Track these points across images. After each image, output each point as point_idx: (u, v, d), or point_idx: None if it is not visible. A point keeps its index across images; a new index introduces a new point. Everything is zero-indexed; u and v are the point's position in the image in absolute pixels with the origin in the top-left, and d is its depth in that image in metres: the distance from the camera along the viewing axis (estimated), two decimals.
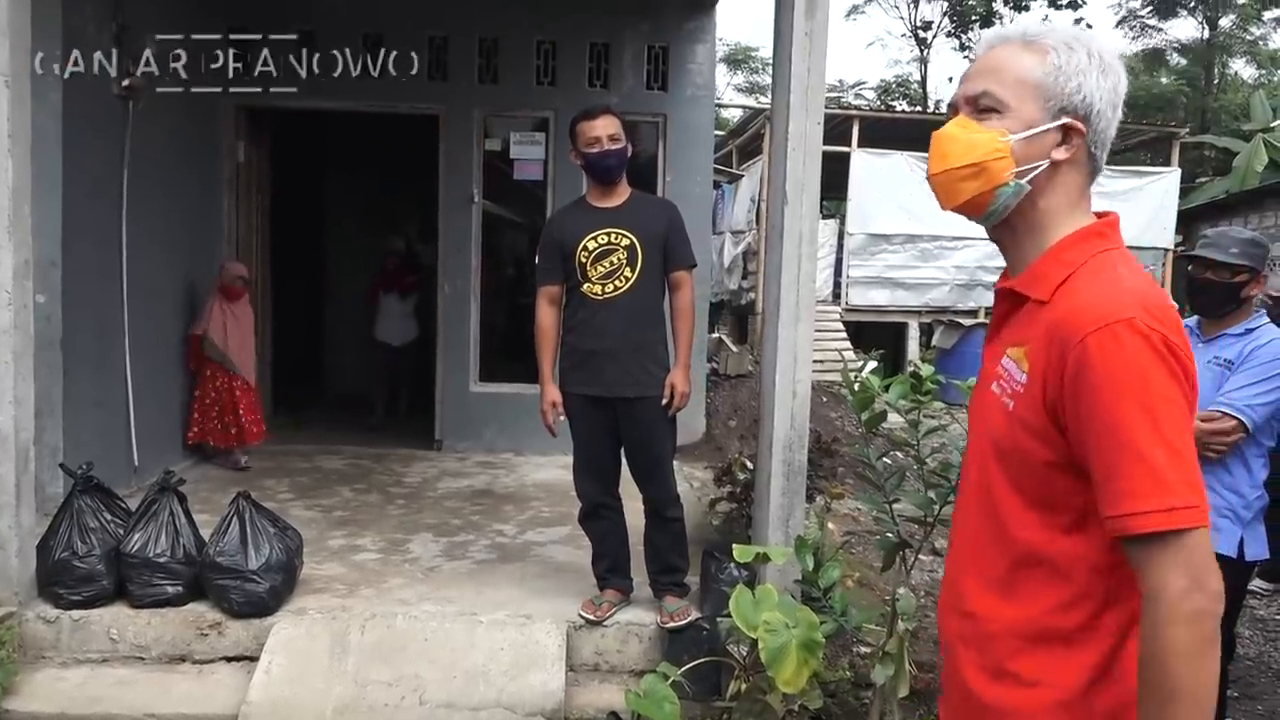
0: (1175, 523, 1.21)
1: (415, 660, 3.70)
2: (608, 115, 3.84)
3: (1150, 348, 1.23)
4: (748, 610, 3.34)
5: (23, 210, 3.71)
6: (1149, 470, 1.22)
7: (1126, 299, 1.27)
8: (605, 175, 3.87)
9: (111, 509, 4.01)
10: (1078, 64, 1.37)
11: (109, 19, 5.32)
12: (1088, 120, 1.37)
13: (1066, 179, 1.39)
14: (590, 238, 3.84)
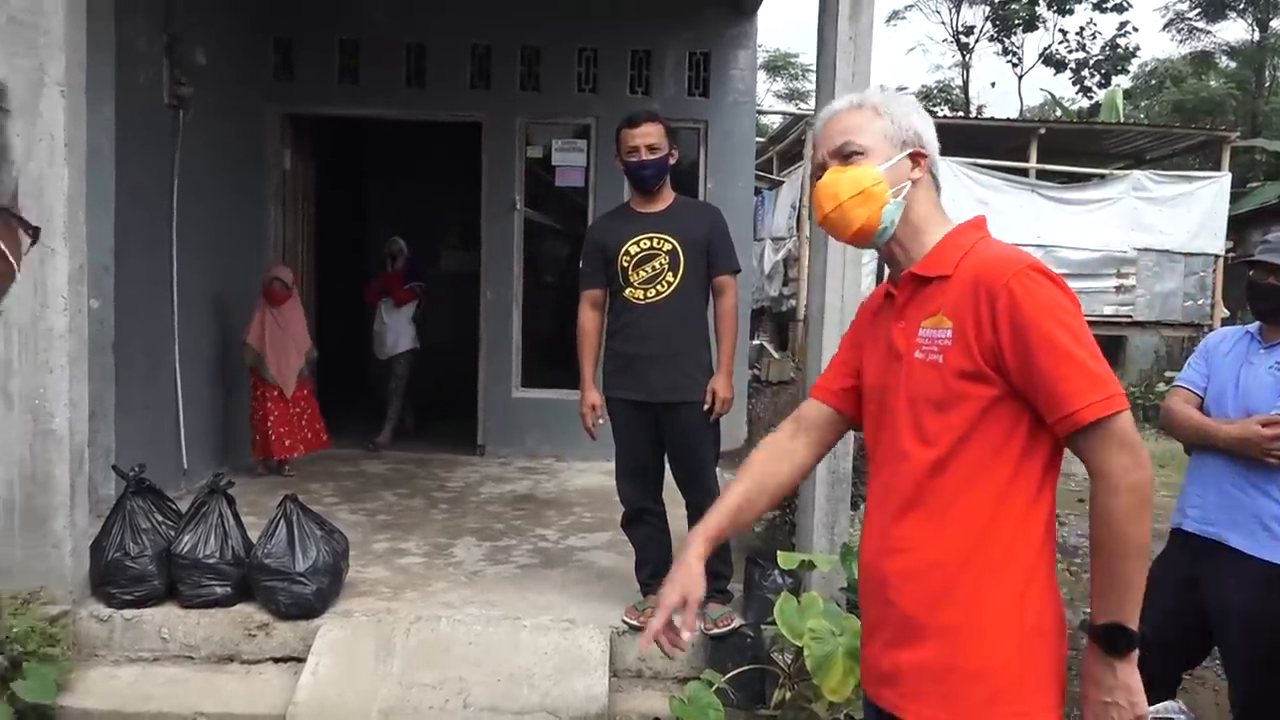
0: (1113, 407, 1.52)
1: (459, 663, 3.72)
2: (650, 123, 3.84)
3: (1055, 281, 1.59)
4: (793, 618, 3.33)
5: (78, 217, 3.79)
6: (1085, 372, 1.53)
7: (1021, 254, 1.64)
8: (643, 183, 3.88)
9: (162, 510, 4.08)
10: (904, 109, 1.78)
11: (160, 31, 5.42)
12: (924, 147, 1.76)
13: (924, 193, 1.77)
14: (632, 242, 3.85)
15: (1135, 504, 1.51)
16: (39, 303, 3.72)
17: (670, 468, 3.98)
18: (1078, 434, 1.54)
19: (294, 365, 6.29)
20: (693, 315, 3.90)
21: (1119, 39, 26.01)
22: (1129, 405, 1.54)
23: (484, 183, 7.15)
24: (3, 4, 3.64)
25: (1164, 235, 12.74)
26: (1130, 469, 1.51)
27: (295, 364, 6.30)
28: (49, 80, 3.65)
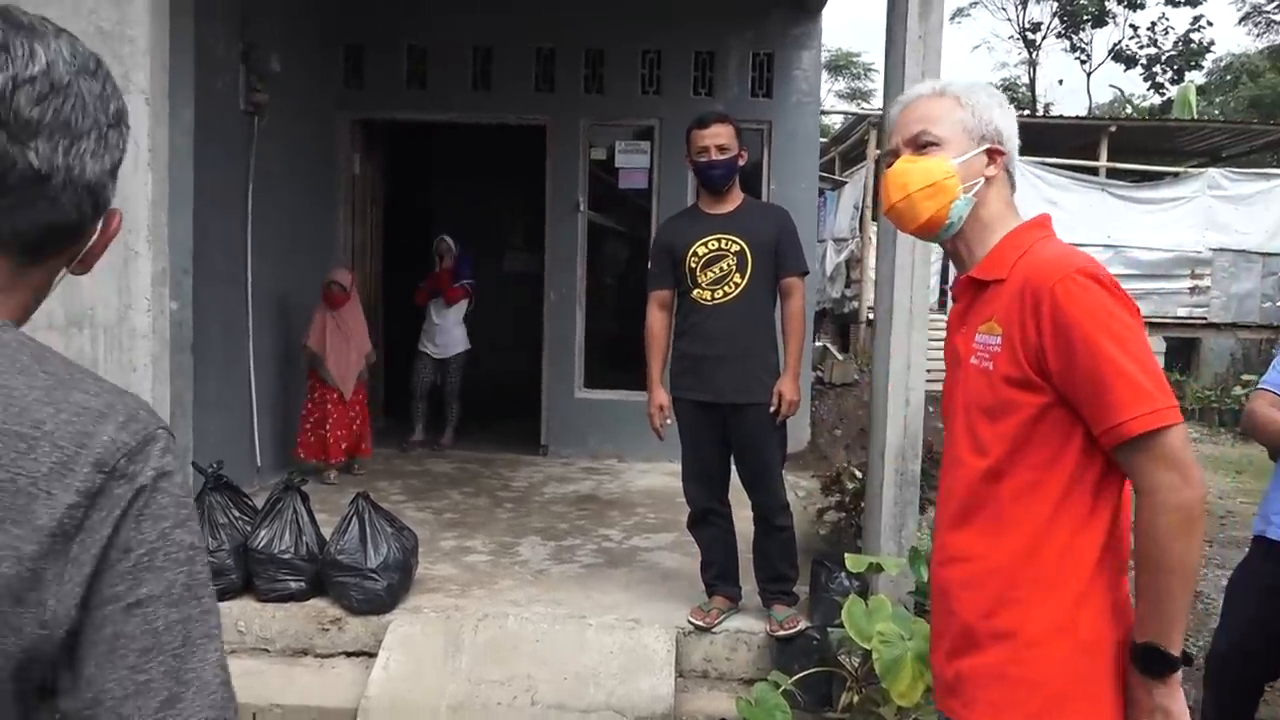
0: (1160, 421, 1.45)
1: (527, 661, 3.76)
2: (720, 124, 3.86)
3: (1105, 287, 1.50)
4: (861, 621, 3.31)
5: (160, 221, 3.90)
6: (1130, 382, 1.46)
7: (1073, 257, 1.57)
8: (712, 184, 3.89)
9: (239, 506, 4.19)
10: (985, 102, 1.72)
11: (237, 38, 5.56)
12: (1003, 143, 1.71)
13: (997, 191, 1.72)
14: (700, 243, 3.86)
15: (1181, 523, 1.45)
16: (123, 304, 3.83)
17: (737, 469, 3.98)
18: (1123, 447, 1.48)
19: (354, 368, 6.23)
20: (760, 316, 3.90)
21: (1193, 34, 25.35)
22: (1181, 419, 1.47)
23: (548, 185, 7.21)
24: (90, 14, 3.77)
25: (1241, 235, 12.40)
26: (1178, 487, 1.44)
27: (355, 367, 6.25)
28: (133, 88, 3.77)
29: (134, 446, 0.83)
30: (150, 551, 0.82)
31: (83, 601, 0.79)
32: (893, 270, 3.82)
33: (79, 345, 3.84)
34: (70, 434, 0.81)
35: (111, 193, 0.93)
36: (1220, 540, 6.50)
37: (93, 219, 0.91)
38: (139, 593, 0.80)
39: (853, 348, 12.31)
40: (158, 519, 0.83)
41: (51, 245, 0.90)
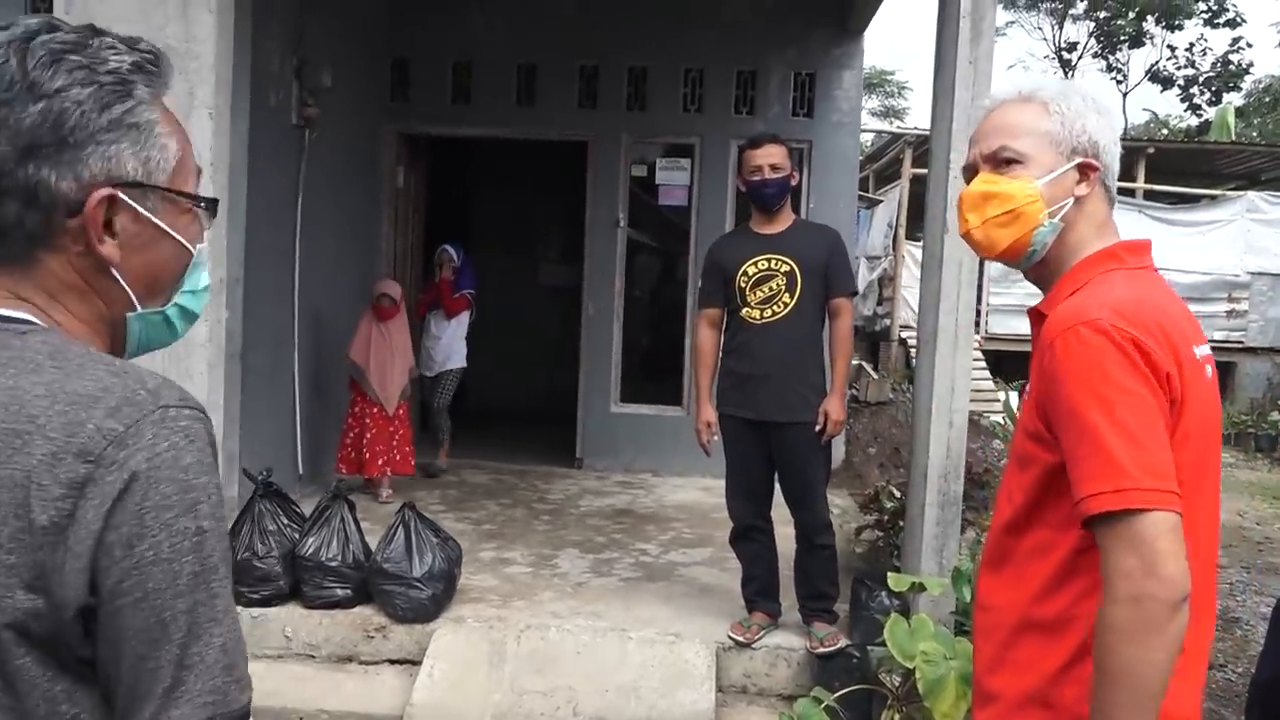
0: (1125, 503, 1.26)
1: (568, 672, 3.80)
2: (773, 144, 3.92)
3: (1112, 343, 1.31)
4: (904, 640, 3.33)
5: (220, 233, 4.00)
6: (1103, 455, 1.28)
7: (1099, 305, 1.36)
8: (765, 203, 3.95)
9: (287, 513, 4.27)
10: (1077, 109, 1.50)
11: (290, 54, 5.68)
12: (1097, 156, 1.50)
13: (1089, 211, 1.51)
14: (750, 263, 3.91)
15: (1134, 621, 1.25)
16: None
17: (780, 486, 4.02)
18: (1088, 525, 1.31)
19: (398, 382, 6.10)
20: (807, 336, 3.94)
21: (1232, 55, 25.17)
22: (1165, 505, 1.26)
23: (588, 200, 7.29)
24: (159, 32, 3.87)
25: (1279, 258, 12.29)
26: (1136, 575, 1.24)
27: (399, 381, 6.11)
28: (198, 103, 3.87)
29: (122, 432, 0.82)
30: (154, 545, 0.82)
31: (91, 588, 0.81)
32: (938, 293, 3.85)
33: None
34: (61, 425, 0.82)
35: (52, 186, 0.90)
36: (1258, 566, 6.46)
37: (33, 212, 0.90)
38: (146, 587, 0.82)
39: (884, 366, 12.30)
40: (160, 509, 0.83)
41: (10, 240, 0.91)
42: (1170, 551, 1.25)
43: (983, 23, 3.76)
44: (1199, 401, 1.38)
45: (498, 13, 7.15)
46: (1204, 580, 1.44)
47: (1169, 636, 1.25)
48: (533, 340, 9.49)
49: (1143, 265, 1.48)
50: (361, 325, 6.09)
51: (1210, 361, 1.46)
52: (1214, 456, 1.46)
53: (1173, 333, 1.36)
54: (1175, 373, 1.34)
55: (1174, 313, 1.42)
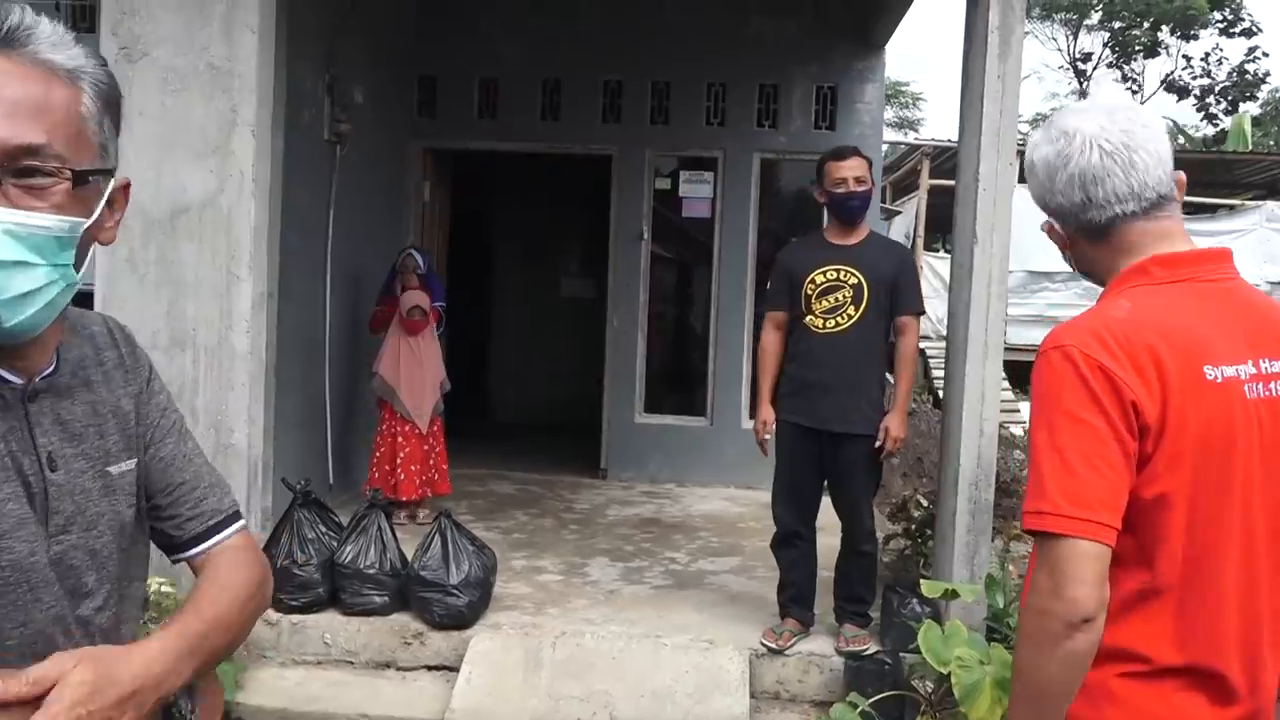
0: (1041, 526, 1.33)
1: (604, 678, 3.86)
2: (857, 157, 4.01)
3: (1074, 371, 1.35)
4: (938, 646, 3.38)
5: (261, 248, 4.09)
6: (1036, 476, 1.36)
7: (1084, 327, 1.39)
8: (848, 215, 4.02)
9: (326, 522, 4.34)
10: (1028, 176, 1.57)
11: (323, 71, 5.78)
12: (1051, 213, 1.56)
13: (1083, 250, 1.56)
14: (819, 271, 3.98)
15: (1036, 633, 1.35)
16: (224, 326, 4.02)
17: (830, 495, 4.09)
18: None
19: (430, 399, 5.85)
20: (869, 350, 3.99)
21: (1248, 64, 25.17)
22: (1085, 534, 1.31)
23: (612, 214, 7.37)
24: (202, 50, 3.98)
25: None
26: (1045, 595, 1.33)
27: (431, 398, 5.86)
28: (240, 121, 3.97)
29: None
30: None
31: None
32: (968, 303, 3.90)
33: (180, 364, 4.03)
34: None
35: None
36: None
37: None
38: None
39: None
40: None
41: None
42: (1077, 577, 1.31)
43: (1011, 37, 3.82)
44: (1205, 421, 1.36)
45: (522, 29, 7.25)
46: (1247, 605, 1.42)
47: (1063, 651, 1.32)
48: (555, 352, 9.56)
49: (1177, 278, 1.44)
50: (389, 340, 5.83)
51: (1263, 380, 1.42)
52: (1244, 478, 1.40)
53: (1170, 354, 1.35)
54: (1147, 399, 1.34)
55: (1187, 331, 1.39)
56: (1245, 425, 1.39)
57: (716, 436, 7.22)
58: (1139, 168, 1.46)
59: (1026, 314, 13.23)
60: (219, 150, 3.98)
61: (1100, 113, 1.50)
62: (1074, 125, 1.49)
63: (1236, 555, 1.41)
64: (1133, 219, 1.47)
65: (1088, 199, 1.48)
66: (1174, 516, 1.37)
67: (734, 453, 6.91)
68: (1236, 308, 1.46)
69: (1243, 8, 25.32)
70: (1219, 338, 1.40)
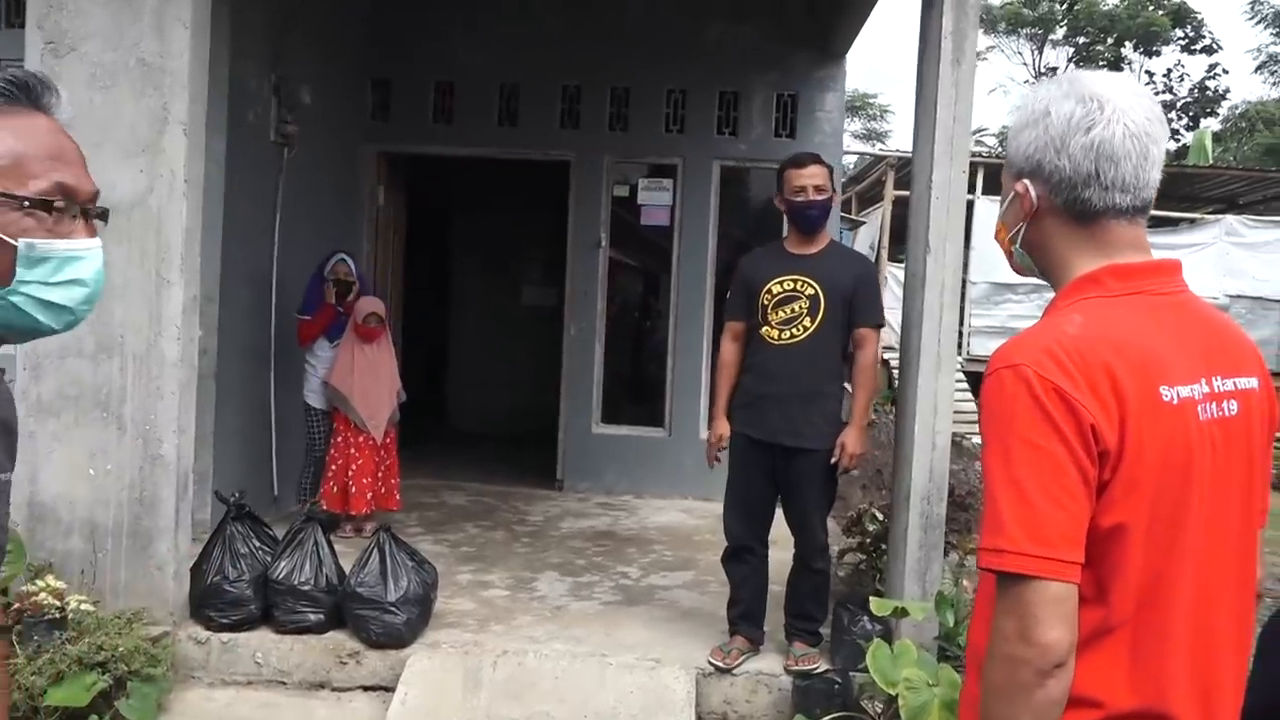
0: (1001, 565, 1.24)
1: (546, 699, 3.73)
2: (817, 165, 3.91)
3: (1028, 393, 1.24)
4: (886, 665, 3.28)
5: (193, 250, 3.94)
6: (992, 509, 1.26)
7: (1036, 344, 1.28)
8: (807, 224, 3.91)
9: (260, 536, 4.18)
10: (1018, 126, 1.41)
11: (269, 71, 5.64)
12: (1036, 174, 1.38)
13: (1050, 230, 1.40)
14: (776, 281, 3.88)
15: (1004, 681, 1.24)
16: (153, 331, 3.86)
17: (783, 510, 3.98)
18: None
19: (386, 409, 5.62)
20: (825, 363, 3.87)
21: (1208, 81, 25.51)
22: (1048, 573, 1.21)
23: (570, 220, 7.25)
24: (133, 47, 3.83)
25: (1258, 281, 12.39)
26: (1011, 639, 1.23)
27: (387, 408, 5.63)
28: (172, 118, 3.82)
29: None
30: None
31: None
32: (921, 312, 3.82)
33: (106, 372, 3.88)
34: None
35: None
36: None
37: None
38: None
39: None
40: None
41: None
42: (1045, 620, 1.21)
43: (965, 43, 3.76)
44: (1163, 445, 1.27)
45: (480, 32, 7.13)
46: (1200, 638, 1.33)
47: (1036, 702, 1.23)
48: (515, 361, 9.44)
49: (1130, 290, 1.34)
50: (342, 348, 5.57)
51: (1215, 399, 1.33)
52: (1201, 503, 1.31)
53: (1127, 373, 1.26)
54: (1105, 423, 1.24)
55: (1143, 348, 1.29)
56: (1200, 448, 1.30)
57: (675, 447, 7.12)
58: (1150, 162, 1.36)
59: (990, 325, 13.28)
60: (149, 149, 3.83)
61: (1130, 90, 1.38)
62: (1106, 92, 1.35)
63: (1190, 587, 1.32)
64: (1120, 216, 1.37)
65: (1095, 174, 1.34)
66: (1130, 548, 1.27)
67: (692, 464, 6.78)
68: (1189, 323, 1.37)
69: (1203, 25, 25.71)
70: (1174, 356, 1.31)
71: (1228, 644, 1.38)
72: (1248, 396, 1.37)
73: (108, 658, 3.47)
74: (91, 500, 3.88)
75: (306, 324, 5.67)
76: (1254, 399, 1.38)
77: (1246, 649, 1.43)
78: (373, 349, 5.60)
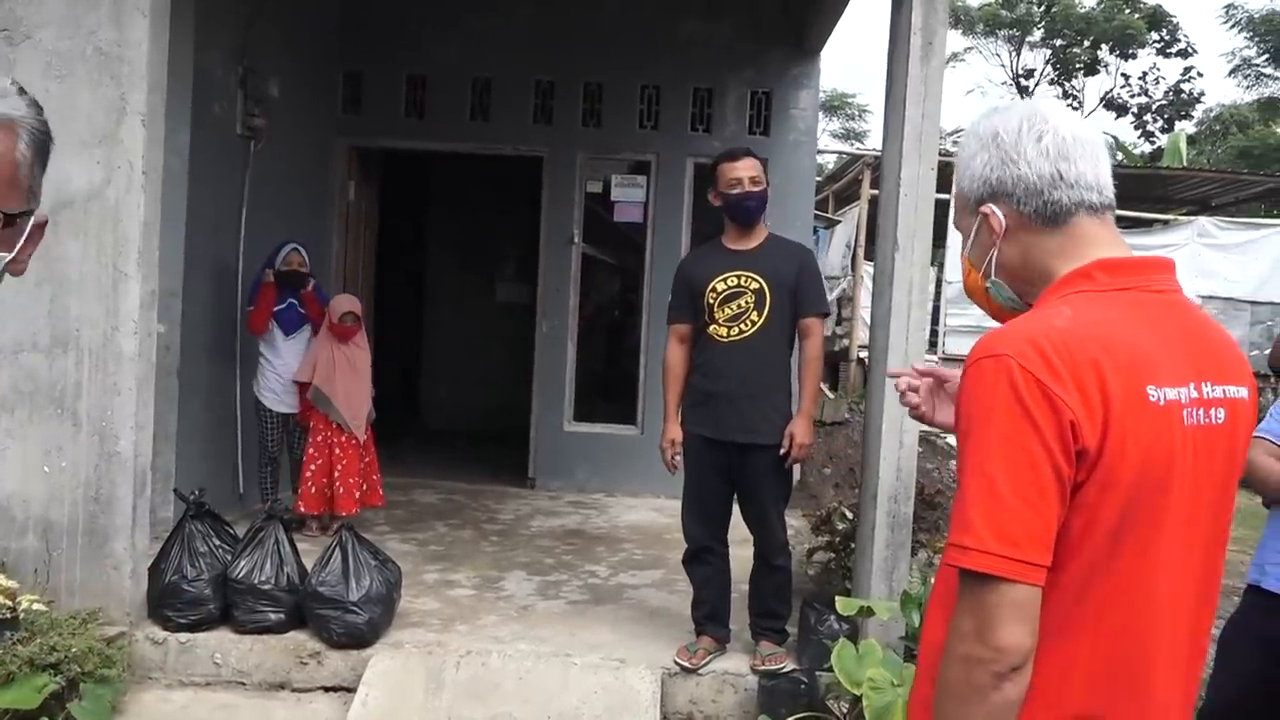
0: (964, 563, 1.21)
1: (509, 699, 3.68)
2: (750, 158, 3.87)
3: (1010, 386, 1.20)
4: (851, 665, 3.26)
5: (151, 243, 3.86)
6: (961, 504, 1.23)
7: (1020, 335, 1.24)
8: (744, 216, 3.87)
9: (220, 534, 4.11)
10: (966, 158, 1.41)
11: (236, 62, 5.55)
12: (998, 194, 1.37)
13: (1025, 245, 1.38)
14: (720, 279, 3.84)
15: (959, 682, 1.21)
16: (110, 326, 3.79)
17: (739, 507, 3.95)
18: None
19: (365, 406, 5.53)
20: (774, 356, 3.85)
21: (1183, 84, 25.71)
22: (1016, 575, 1.18)
23: (543, 217, 7.20)
24: (89, 35, 3.76)
25: (1230, 283, 12.47)
26: (968, 639, 1.20)
27: (366, 405, 5.54)
28: (130, 109, 3.75)
29: None
30: None
31: None
32: (889, 312, 3.80)
33: (62, 367, 3.80)
34: None
35: None
36: None
37: None
38: None
39: (843, 385, 12.30)
40: None
41: None
42: (1004, 622, 1.18)
43: (934, 39, 3.74)
44: (1145, 448, 1.23)
45: (452, 26, 7.06)
46: (1171, 646, 1.31)
47: (991, 704, 1.20)
48: (489, 358, 9.37)
49: (1121, 286, 1.31)
50: (318, 347, 5.42)
51: (1202, 405, 1.30)
52: (1178, 510, 1.28)
53: (1114, 371, 1.22)
54: (1087, 420, 1.20)
55: (1132, 346, 1.25)
56: (1182, 454, 1.27)
57: (647, 445, 7.03)
58: (1103, 163, 1.37)
59: (965, 324, 13.30)
60: (106, 140, 3.76)
61: (1061, 107, 1.43)
62: (1043, 107, 1.39)
63: (1162, 595, 1.29)
64: (1093, 213, 1.36)
65: (1058, 174, 1.34)
66: (1098, 550, 1.24)
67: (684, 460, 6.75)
68: (1180, 324, 1.34)
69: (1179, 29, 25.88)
70: (1163, 356, 1.27)
71: (1188, 655, 1.35)
72: (1236, 406, 1.34)
73: (60, 659, 3.39)
74: (46, 498, 3.80)
75: (252, 312, 5.47)
76: (1241, 410, 1.35)
77: (1201, 661, 1.41)
78: (351, 348, 5.50)
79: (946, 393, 1.65)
